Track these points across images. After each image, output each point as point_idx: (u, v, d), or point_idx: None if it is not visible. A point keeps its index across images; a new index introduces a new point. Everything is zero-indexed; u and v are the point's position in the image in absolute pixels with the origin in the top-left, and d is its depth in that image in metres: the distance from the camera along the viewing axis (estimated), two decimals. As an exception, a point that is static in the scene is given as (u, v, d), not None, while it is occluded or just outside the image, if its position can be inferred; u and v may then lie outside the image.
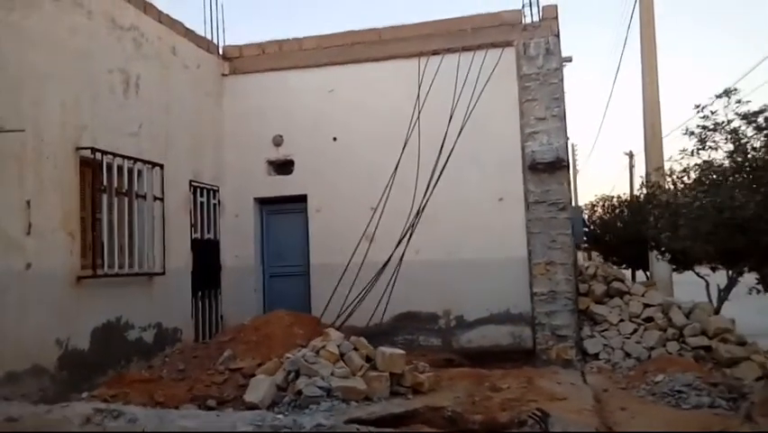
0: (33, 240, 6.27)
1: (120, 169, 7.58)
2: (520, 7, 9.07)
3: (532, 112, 8.83)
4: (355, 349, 6.52)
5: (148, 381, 6.92)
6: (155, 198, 8.18)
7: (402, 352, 6.64)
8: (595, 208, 17.16)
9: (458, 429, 5.22)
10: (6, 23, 6.05)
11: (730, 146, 4.85)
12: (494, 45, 9.00)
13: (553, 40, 8.84)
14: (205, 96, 9.64)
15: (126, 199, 7.72)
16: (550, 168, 8.74)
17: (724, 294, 9.60)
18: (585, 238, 17.41)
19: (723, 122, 4.99)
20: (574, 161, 40.82)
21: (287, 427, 4.92)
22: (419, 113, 9.10)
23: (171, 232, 8.44)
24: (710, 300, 9.90)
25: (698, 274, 10.11)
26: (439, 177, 8.86)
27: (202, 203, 9.40)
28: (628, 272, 16.91)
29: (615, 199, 16.26)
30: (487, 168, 8.98)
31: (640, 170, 22.69)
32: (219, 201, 9.79)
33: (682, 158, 5.98)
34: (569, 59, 10.35)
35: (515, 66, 8.93)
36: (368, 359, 6.51)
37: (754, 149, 4.66)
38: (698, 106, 5.21)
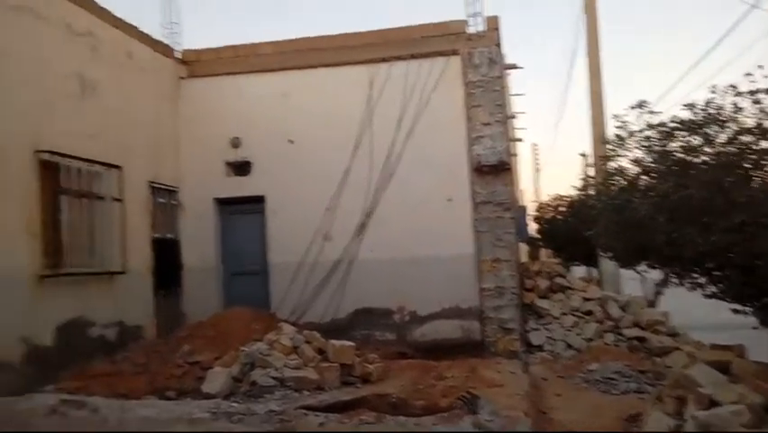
0: (-5, 241, 6.50)
1: (79, 171, 7.81)
2: (465, 18, 9.53)
3: (477, 117, 9.32)
4: (307, 342, 6.91)
5: (110, 374, 7.18)
6: (114, 199, 8.41)
7: (352, 344, 7.06)
8: (548, 207, 17.82)
9: (400, 414, 5.64)
10: (-36, 32, 6.28)
11: (639, 153, 5.40)
12: (441, 53, 9.47)
13: (495, 49, 9.34)
14: (163, 99, 9.89)
15: (86, 201, 7.95)
16: (494, 170, 9.24)
17: (659, 289, 10.30)
18: (538, 236, 18.13)
19: (636, 131, 5.53)
20: (535, 160, 41.79)
21: (240, 413, 5.30)
22: (371, 117, 9.52)
23: (131, 232, 8.69)
24: (649, 295, 10.60)
25: (636, 271, 10.75)
26: (389, 178, 9.29)
27: (162, 203, 9.66)
28: (582, 269, 17.66)
29: (566, 199, 16.92)
30: (436, 170, 9.43)
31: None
32: (179, 202, 10.06)
33: (602, 164, 6.55)
34: (514, 66, 10.93)
35: (460, 74, 9.41)
36: (320, 351, 6.92)
37: (654, 158, 5.20)
38: (615, 116, 5.75)
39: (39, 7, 7.35)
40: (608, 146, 5.92)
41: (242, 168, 10.15)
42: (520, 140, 16.21)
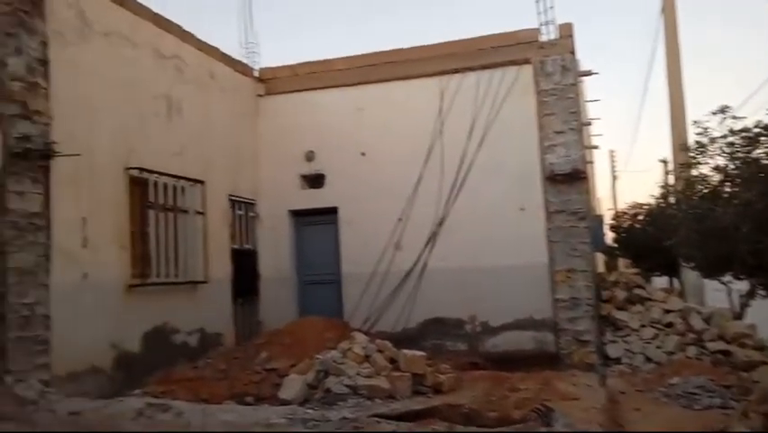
0: (89, 253, 6.97)
1: (165, 186, 8.27)
2: (537, 26, 9.45)
3: (550, 125, 9.20)
4: (379, 351, 7.02)
5: (193, 379, 7.52)
6: (197, 213, 8.84)
7: (423, 354, 7.11)
8: (625, 216, 17.25)
9: (473, 424, 5.63)
10: (62, 58, 6.77)
11: (721, 160, 5.21)
12: (512, 63, 9.43)
13: (569, 57, 9.21)
14: (242, 116, 10.31)
15: (171, 214, 8.40)
16: (568, 179, 9.07)
17: (745, 300, 9.79)
18: (615, 246, 17.57)
19: (718, 137, 5.34)
20: (612, 167, 40.49)
21: (315, 420, 5.43)
22: (442, 128, 9.57)
23: (212, 243, 9.09)
24: (735, 307, 10.08)
25: (720, 281, 10.26)
26: (460, 188, 9.25)
27: (240, 216, 10.05)
28: (663, 280, 16.95)
29: (645, 207, 16.31)
30: (507, 179, 9.38)
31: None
32: (256, 214, 10.44)
33: (682, 171, 6.34)
34: (588, 73, 10.71)
35: (532, 82, 9.33)
36: (392, 361, 7.00)
37: (737, 165, 5.00)
38: (695, 122, 5.56)
39: (129, 32, 7.86)
40: (688, 153, 5.74)
41: (315, 180, 10.44)
42: (596, 147, 15.76)
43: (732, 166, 5.05)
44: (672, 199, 12.12)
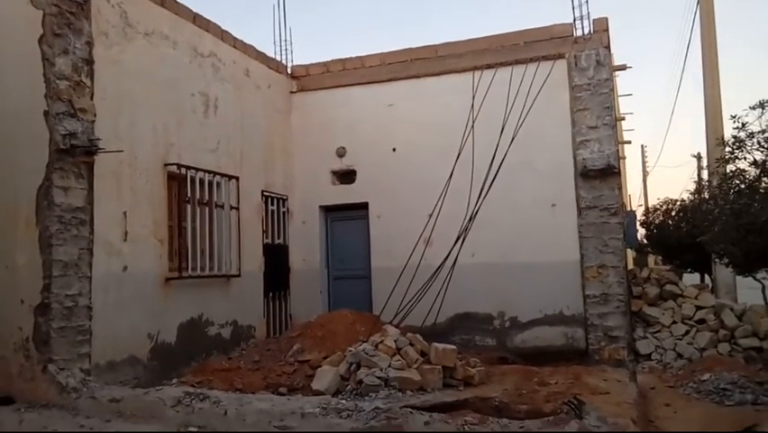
0: (129, 246, 7.20)
1: (201, 181, 8.46)
2: (571, 21, 9.42)
3: (583, 121, 9.17)
4: (411, 344, 7.11)
5: (228, 370, 7.72)
6: (231, 208, 9.03)
7: (454, 347, 7.18)
8: (657, 212, 17.02)
9: (504, 417, 5.68)
10: (105, 57, 6.99)
11: (759, 155, 5.17)
12: (546, 58, 9.40)
13: (604, 51, 9.15)
14: (276, 112, 10.48)
15: (207, 209, 8.60)
16: (601, 174, 9.03)
17: (780, 297, 9.62)
18: (645, 242, 17.37)
19: (755, 132, 5.30)
20: (644, 163, 39.91)
21: (348, 409, 5.55)
22: (473, 123, 9.59)
23: (246, 238, 9.28)
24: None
25: (754, 278, 10.11)
26: (491, 184, 9.21)
27: (273, 211, 10.22)
28: (694, 277, 16.71)
29: (678, 203, 16.09)
30: (539, 175, 9.37)
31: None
32: (288, 209, 10.61)
33: (718, 166, 6.30)
34: (623, 67, 10.63)
35: (566, 77, 9.29)
36: (422, 354, 7.09)
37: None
38: (733, 117, 5.53)
39: (169, 32, 8.07)
40: (725, 148, 5.70)
41: (347, 176, 10.58)
42: (628, 142, 15.59)
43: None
44: (706, 195, 11.97)
